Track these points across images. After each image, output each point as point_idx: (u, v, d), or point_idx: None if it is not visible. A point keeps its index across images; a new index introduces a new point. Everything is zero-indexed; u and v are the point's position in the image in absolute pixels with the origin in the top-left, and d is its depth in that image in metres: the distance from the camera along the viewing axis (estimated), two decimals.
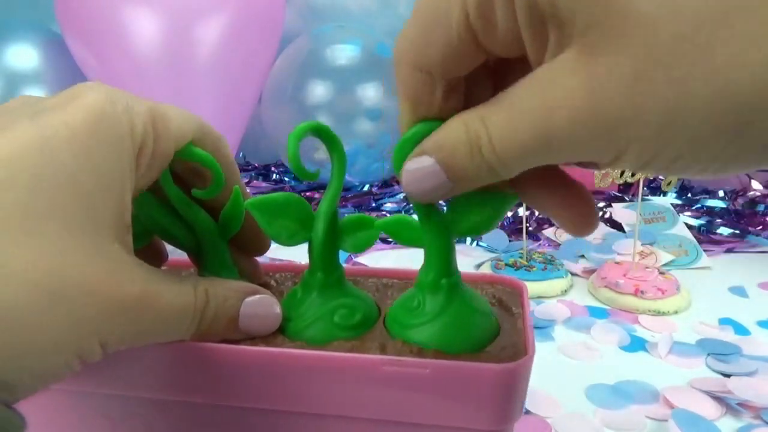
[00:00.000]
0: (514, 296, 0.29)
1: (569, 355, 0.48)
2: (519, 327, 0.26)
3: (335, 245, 0.26)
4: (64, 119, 0.20)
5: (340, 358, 0.23)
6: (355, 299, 0.27)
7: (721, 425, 0.38)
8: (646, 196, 0.85)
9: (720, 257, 0.70)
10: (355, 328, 0.26)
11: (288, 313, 0.26)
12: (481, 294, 0.29)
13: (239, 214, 0.27)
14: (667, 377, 0.44)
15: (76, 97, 0.21)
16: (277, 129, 0.91)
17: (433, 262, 0.25)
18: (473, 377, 0.22)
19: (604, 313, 0.55)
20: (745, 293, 0.60)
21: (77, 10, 0.79)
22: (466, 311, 0.25)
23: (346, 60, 0.87)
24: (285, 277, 0.32)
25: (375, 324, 0.27)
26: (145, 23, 0.77)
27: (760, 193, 0.82)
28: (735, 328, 0.52)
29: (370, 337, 0.25)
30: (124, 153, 0.21)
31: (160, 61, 0.78)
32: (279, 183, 0.99)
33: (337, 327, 0.25)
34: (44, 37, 0.89)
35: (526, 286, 0.29)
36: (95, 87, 0.22)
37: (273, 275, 0.32)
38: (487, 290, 0.30)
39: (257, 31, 0.84)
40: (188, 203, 0.26)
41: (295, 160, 0.23)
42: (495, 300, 0.29)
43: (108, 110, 0.21)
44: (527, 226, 0.68)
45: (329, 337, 0.25)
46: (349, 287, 0.27)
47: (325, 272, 0.26)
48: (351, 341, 0.25)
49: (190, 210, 0.26)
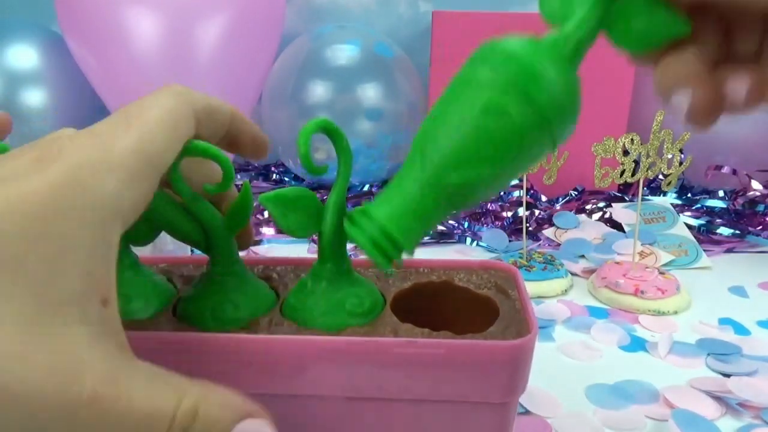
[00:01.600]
0: (508, 280, 0.31)
1: (569, 355, 0.48)
2: (518, 308, 0.28)
3: (344, 236, 0.26)
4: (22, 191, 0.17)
5: (360, 342, 0.25)
6: (363, 287, 0.28)
7: (721, 425, 0.38)
8: (646, 196, 0.85)
9: (720, 257, 0.70)
10: (366, 315, 0.27)
11: (299, 303, 0.27)
12: (478, 279, 0.31)
13: (248, 208, 0.27)
14: (667, 377, 0.44)
15: (50, 161, 0.18)
16: (277, 129, 0.91)
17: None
18: (485, 354, 0.24)
19: (604, 313, 0.55)
20: (745, 293, 0.60)
21: (77, 10, 0.79)
22: None
23: (346, 60, 0.87)
24: (286, 270, 0.33)
25: (383, 310, 0.28)
26: (145, 23, 0.77)
27: (760, 193, 0.82)
28: (735, 328, 0.52)
29: (381, 322, 0.27)
30: (98, 218, 0.18)
31: (160, 61, 0.78)
32: (279, 183, 0.99)
33: (348, 314, 0.27)
34: (44, 37, 0.89)
35: (519, 271, 0.31)
36: (78, 142, 0.19)
37: (274, 268, 0.33)
38: (483, 276, 0.32)
39: (257, 31, 0.84)
40: (197, 199, 0.26)
41: (306, 156, 0.24)
42: (492, 284, 0.31)
43: (81, 178, 0.18)
44: (527, 226, 0.68)
45: (342, 324, 0.26)
46: (356, 276, 0.28)
47: (335, 262, 0.27)
48: (364, 327, 0.26)
49: (198, 205, 0.27)
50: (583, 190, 0.87)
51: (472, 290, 0.30)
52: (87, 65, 0.84)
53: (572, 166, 0.70)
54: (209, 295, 0.27)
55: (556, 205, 0.85)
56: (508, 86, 0.21)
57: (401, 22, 1.07)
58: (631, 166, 0.56)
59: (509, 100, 0.21)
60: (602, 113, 0.87)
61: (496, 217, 0.81)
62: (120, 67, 0.80)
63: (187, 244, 0.28)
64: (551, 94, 0.21)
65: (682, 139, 0.55)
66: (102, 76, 0.84)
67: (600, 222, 0.79)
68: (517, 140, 0.21)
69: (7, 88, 0.83)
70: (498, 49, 0.22)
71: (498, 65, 0.21)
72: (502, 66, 0.21)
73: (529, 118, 0.21)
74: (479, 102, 0.21)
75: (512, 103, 0.21)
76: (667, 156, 0.56)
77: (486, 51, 0.22)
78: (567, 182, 0.85)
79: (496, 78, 0.21)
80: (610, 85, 0.85)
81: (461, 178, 0.22)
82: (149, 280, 0.29)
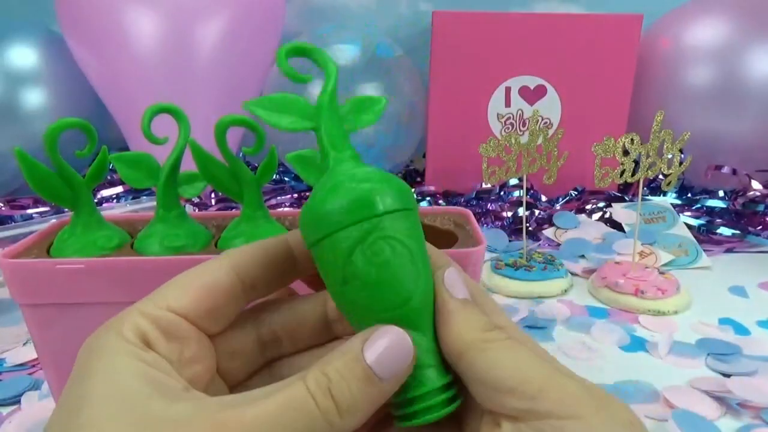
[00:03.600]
0: (463, 218, 0.39)
1: (569, 355, 0.48)
2: (471, 235, 0.36)
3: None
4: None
5: None
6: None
7: (721, 425, 0.38)
8: (646, 196, 0.85)
9: (720, 257, 0.70)
10: None
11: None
12: (441, 220, 0.39)
13: (273, 168, 0.35)
14: (667, 377, 0.44)
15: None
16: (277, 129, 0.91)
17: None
18: (460, 259, 0.30)
19: (603, 313, 0.55)
20: (745, 293, 0.60)
21: (77, 10, 0.79)
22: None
23: (346, 60, 0.87)
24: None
25: None
26: (146, 23, 0.77)
27: (760, 193, 0.82)
28: (735, 328, 0.52)
29: None
30: None
31: (160, 61, 0.78)
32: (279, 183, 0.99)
33: None
34: (44, 37, 0.89)
35: (470, 212, 0.40)
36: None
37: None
38: (444, 218, 0.40)
39: (257, 31, 0.84)
40: (235, 160, 0.34)
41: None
42: (451, 222, 0.39)
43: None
44: (527, 226, 0.68)
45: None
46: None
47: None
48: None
49: (237, 164, 0.34)
50: (583, 190, 0.87)
51: (438, 227, 0.38)
52: (87, 65, 0.84)
53: (572, 166, 0.70)
54: (243, 230, 0.35)
55: (556, 205, 0.85)
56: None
57: (401, 22, 1.07)
58: (631, 166, 0.56)
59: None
60: (602, 113, 0.87)
61: (496, 217, 0.81)
62: (120, 67, 0.80)
63: (227, 195, 0.35)
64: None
65: (682, 139, 0.55)
66: (102, 76, 0.84)
67: (600, 222, 0.79)
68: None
69: (7, 88, 0.83)
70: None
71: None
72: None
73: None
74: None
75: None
76: (667, 156, 0.56)
77: None
78: (567, 182, 0.85)
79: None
80: (610, 85, 0.85)
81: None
82: (193, 226, 0.37)
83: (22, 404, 0.42)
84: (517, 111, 0.87)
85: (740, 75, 0.81)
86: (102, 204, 0.82)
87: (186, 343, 0.19)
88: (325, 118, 0.25)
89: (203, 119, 0.61)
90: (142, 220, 0.40)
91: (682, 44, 0.86)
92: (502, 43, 0.84)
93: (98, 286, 0.32)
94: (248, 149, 0.34)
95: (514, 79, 0.85)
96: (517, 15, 0.86)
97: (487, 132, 0.87)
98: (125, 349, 0.18)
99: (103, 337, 0.18)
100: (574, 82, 0.85)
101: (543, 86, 0.86)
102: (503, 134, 0.67)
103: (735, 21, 0.82)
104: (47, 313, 0.33)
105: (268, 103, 0.25)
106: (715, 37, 0.83)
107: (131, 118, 0.85)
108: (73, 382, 0.17)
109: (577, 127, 0.84)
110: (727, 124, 0.83)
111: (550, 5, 1.07)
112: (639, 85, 0.87)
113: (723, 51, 0.82)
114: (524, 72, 0.85)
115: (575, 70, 0.85)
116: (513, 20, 0.84)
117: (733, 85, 0.81)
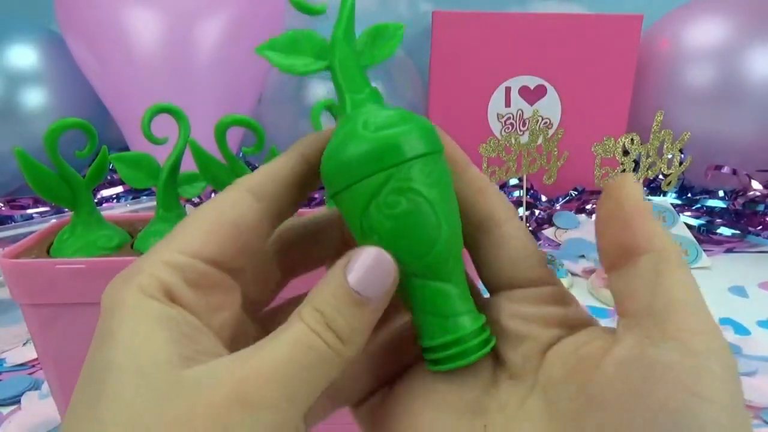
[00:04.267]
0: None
1: None
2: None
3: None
4: None
5: None
6: None
7: None
8: (646, 196, 0.85)
9: (720, 257, 0.70)
10: None
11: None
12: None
13: None
14: None
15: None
16: (277, 129, 0.91)
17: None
18: None
19: (604, 313, 0.55)
20: (745, 293, 0.60)
21: (77, 10, 0.80)
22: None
23: None
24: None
25: None
26: (146, 23, 0.77)
27: (760, 193, 0.82)
28: (735, 328, 0.52)
29: None
30: None
31: (160, 61, 0.78)
32: None
33: None
34: (44, 37, 0.89)
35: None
36: None
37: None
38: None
39: (257, 31, 0.84)
40: (235, 160, 0.35)
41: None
42: None
43: None
44: (527, 226, 0.68)
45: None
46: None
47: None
48: None
49: (237, 164, 0.35)
50: (583, 190, 0.87)
51: None
52: (87, 65, 0.84)
53: (572, 166, 0.70)
54: None
55: (556, 205, 0.85)
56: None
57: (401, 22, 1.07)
58: (631, 166, 0.56)
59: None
60: (602, 113, 0.87)
61: None
62: (120, 68, 0.80)
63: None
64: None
65: (682, 139, 0.55)
66: (102, 77, 0.84)
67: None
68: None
69: (7, 88, 0.83)
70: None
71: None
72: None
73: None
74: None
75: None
76: (667, 156, 0.56)
77: None
78: (567, 182, 0.85)
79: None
80: (610, 85, 0.86)
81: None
82: None
83: (22, 404, 0.42)
84: (517, 111, 0.87)
85: (740, 75, 0.81)
86: (102, 204, 0.82)
87: (212, 290, 0.18)
88: (339, 55, 0.23)
89: (203, 119, 0.61)
90: (142, 220, 0.40)
91: (681, 44, 0.86)
92: (502, 43, 0.84)
93: (98, 286, 0.32)
94: (248, 149, 0.35)
95: (514, 79, 0.85)
96: (517, 15, 0.86)
97: (487, 132, 0.87)
98: (148, 309, 0.17)
99: (124, 292, 0.17)
100: (574, 82, 0.85)
101: (543, 86, 0.86)
102: (503, 134, 0.67)
103: (735, 21, 0.82)
104: (47, 313, 0.33)
105: (280, 45, 0.23)
106: (715, 37, 0.83)
107: (131, 118, 0.85)
108: (95, 347, 0.17)
109: (577, 127, 0.84)
110: (727, 124, 0.83)
111: (550, 5, 1.07)
112: (639, 85, 0.87)
113: (723, 51, 0.82)
114: (524, 72, 0.85)
115: (575, 70, 0.85)
116: (513, 20, 0.84)
117: (733, 85, 0.82)
